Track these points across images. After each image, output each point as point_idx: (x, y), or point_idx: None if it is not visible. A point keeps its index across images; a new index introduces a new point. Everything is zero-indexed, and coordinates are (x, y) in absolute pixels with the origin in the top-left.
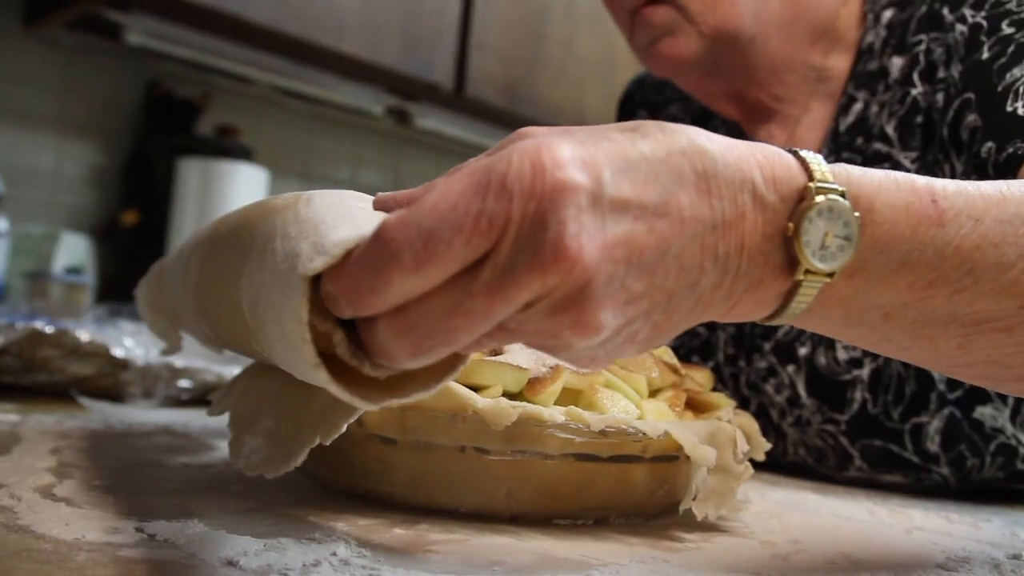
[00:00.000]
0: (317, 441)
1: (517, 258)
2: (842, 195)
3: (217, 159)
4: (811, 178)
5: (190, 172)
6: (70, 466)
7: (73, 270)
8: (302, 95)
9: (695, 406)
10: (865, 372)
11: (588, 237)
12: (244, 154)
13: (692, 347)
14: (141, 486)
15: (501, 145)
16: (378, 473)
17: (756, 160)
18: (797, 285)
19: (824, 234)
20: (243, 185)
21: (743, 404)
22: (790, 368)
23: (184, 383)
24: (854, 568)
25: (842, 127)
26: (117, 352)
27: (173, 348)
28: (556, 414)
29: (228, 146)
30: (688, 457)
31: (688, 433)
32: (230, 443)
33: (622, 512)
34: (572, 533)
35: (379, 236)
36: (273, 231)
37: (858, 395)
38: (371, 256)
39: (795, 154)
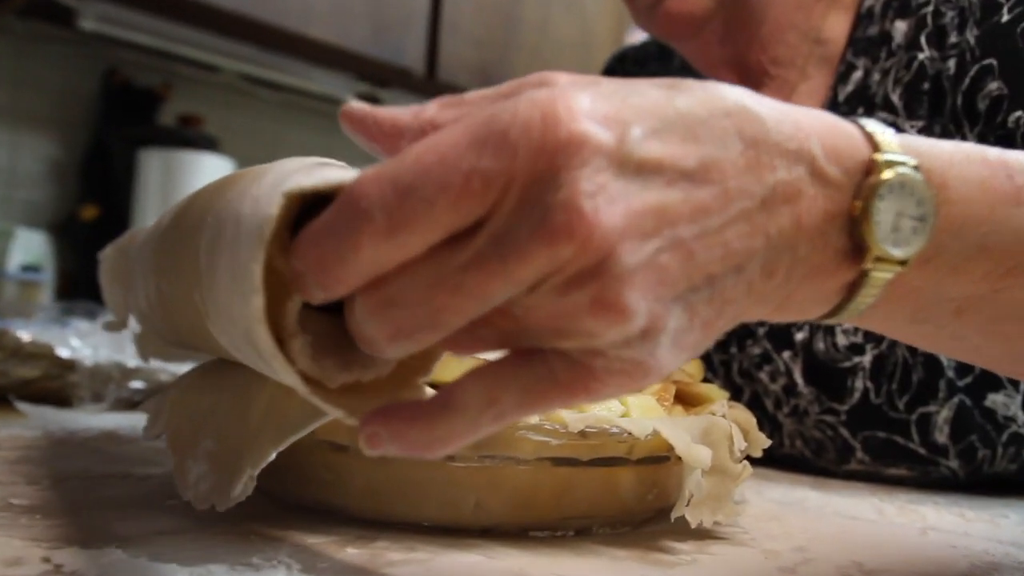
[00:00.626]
0: (248, 472)
1: (519, 224)
2: (915, 169)
3: (180, 150)
4: (876, 149)
5: (151, 164)
6: None
7: (30, 267)
8: (269, 83)
9: (685, 399)
10: (867, 359)
11: (608, 200)
12: (208, 144)
13: None
14: (64, 504)
15: (516, 86)
16: (330, 483)
17: (814, 128)
18: (864, 275)
19: (897, 214)
20: (207, 176)
21: (735, 394)
22: (786, 354)
23: (136, 384)
24: None
25: (841, 97)
26: (63, 352)
27: (119, 324)
28: None
29: (191, 136)
30: (680, 458)
31: (679, 431)
32: (174, 471)
33: (607, 521)
34: (550, 547)
35: (349, 192)
36: (266, 170)
37: (859, 384)
38: (339, 217)
39: (854, 122)
